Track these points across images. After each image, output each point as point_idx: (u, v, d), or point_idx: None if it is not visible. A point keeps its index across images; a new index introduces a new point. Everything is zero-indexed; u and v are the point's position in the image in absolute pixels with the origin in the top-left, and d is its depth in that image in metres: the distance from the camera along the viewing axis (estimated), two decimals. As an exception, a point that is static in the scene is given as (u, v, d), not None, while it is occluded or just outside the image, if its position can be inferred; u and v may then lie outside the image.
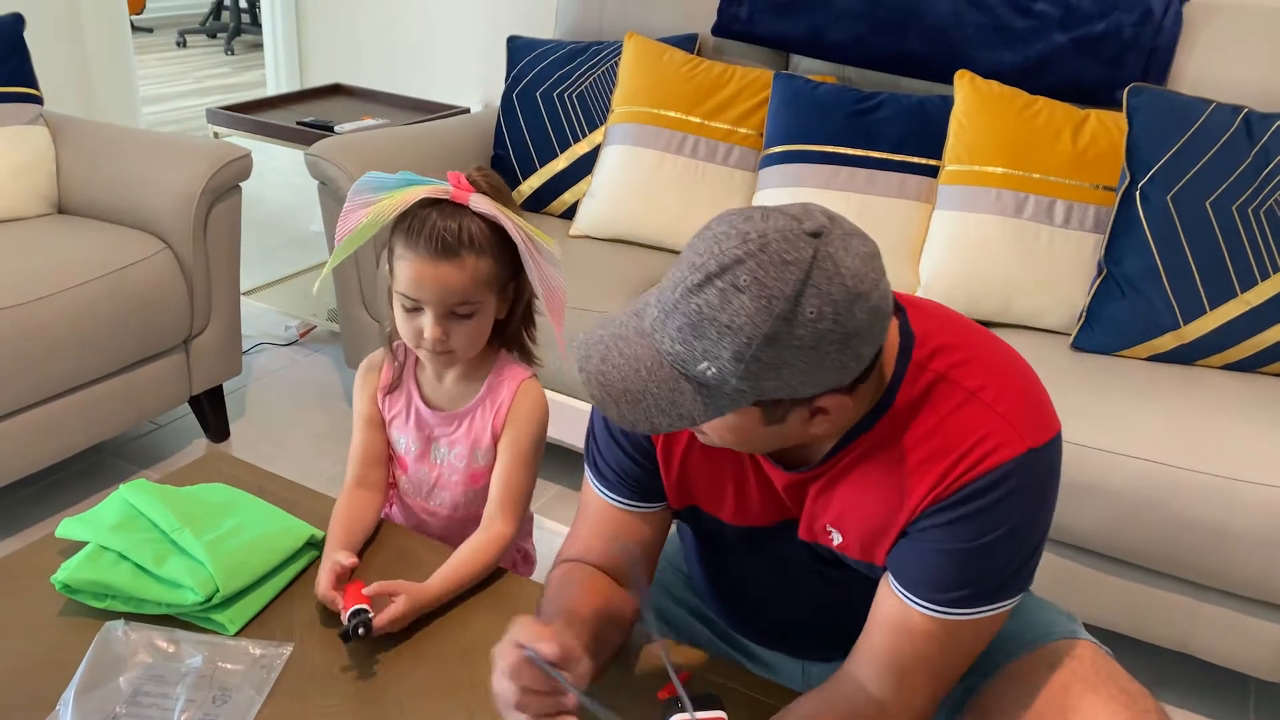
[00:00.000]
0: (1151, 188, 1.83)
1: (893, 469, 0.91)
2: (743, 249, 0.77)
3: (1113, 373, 1.81)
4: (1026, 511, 0.89)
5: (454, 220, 1.13)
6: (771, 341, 0.76)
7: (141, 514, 1.24)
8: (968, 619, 0.92)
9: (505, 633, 0.90)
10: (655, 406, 0.80)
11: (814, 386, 0.81)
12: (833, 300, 0.76)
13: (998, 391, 0.89)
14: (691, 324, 0.78)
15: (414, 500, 1.34)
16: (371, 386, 1.31)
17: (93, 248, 2.08)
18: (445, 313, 1.17)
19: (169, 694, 1.04)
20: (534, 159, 2.44)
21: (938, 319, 0.95)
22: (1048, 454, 0.90)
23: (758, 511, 1.03)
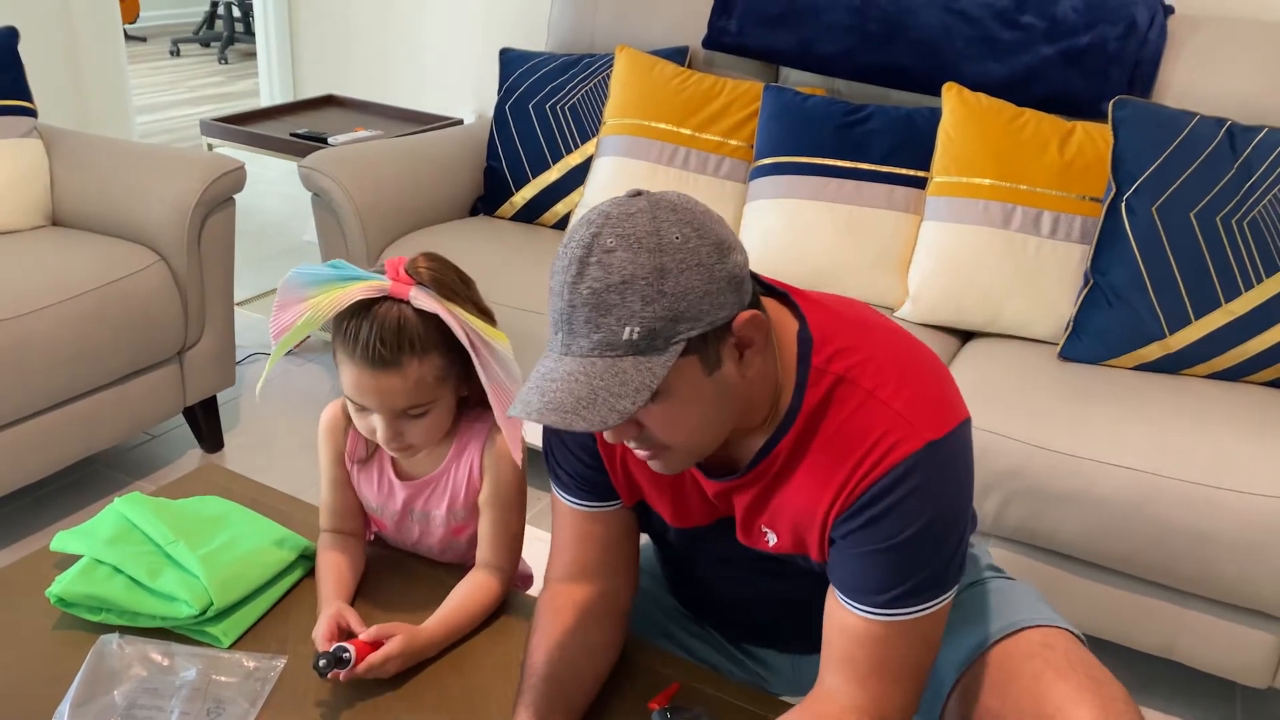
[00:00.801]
0: (1137, 199, 1.85)
1: (808, 474, 0.95)
2: (590, 229, 0.84)
3: (1100, 382, 1.82)
4: (937, 503, 0.91)
5: (392, 323, 1.06)
6: (663, 273, 0.81)
7: (136, 527, 1.25)
8: (909, 618, 0.93)
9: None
10: (610, 396, 0.82)
11: (724, 307, 0.84)
12: (686, 222, 0.83)
13: (895, 388, 0.92)
14: (592, 306, 0.82)
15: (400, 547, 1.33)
16: (336, 448, 1.24)
17: (87, 260, 2.09)
18: (395, 417, 1.11)
19: (163, 707, 1.05)
20: (527, 170, 2.46)
21: (837, 318, 0.97)
22: (950, 444, 0.91)
23: (696, 513, 1.06)
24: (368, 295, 1.07)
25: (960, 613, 1.10)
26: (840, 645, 0.97)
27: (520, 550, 1.26)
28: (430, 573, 1.27)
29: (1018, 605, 1.10)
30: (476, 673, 1.12)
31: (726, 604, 1.21)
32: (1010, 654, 1.04)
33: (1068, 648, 1.03)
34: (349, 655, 1.05)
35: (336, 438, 1.25)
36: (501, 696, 1.08)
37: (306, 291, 1.09)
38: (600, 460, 1.08)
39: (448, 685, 1.10)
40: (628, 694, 1.10)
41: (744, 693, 1.12)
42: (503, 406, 1.12)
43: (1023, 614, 1.08)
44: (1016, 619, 1.07)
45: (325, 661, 1.04)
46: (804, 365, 0.94)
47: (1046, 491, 1.65)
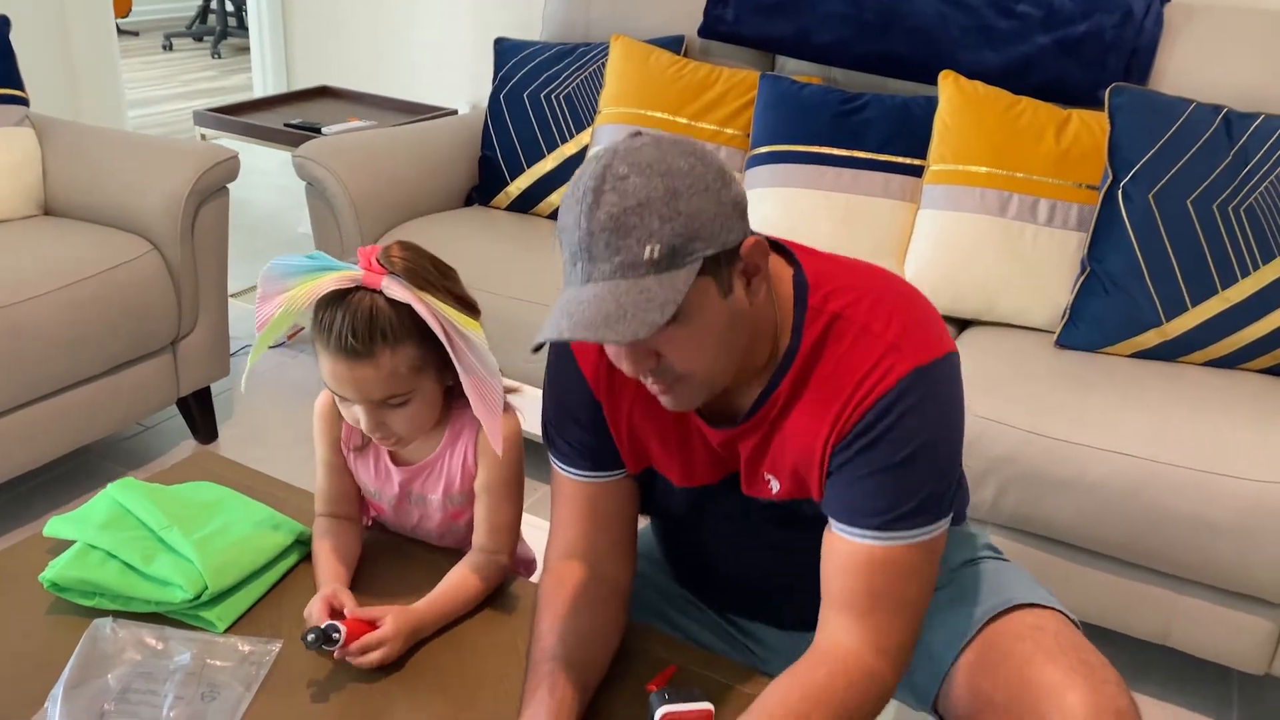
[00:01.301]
0: (1133, 186, 1.85)
1: (806, 411, 0.98)
2: (600, 162, 0.87)
3: (1096, 369, 1.82)
4: (931, 426, 0.95)
5: (364, 313, 1.05)
6: (676, 194, 0.85)
7: (129, 512, 1.24)
8: (906, 543, 0.96)
9: None
10: (639, 310, 0.84)
11: (733, 230, 0.89)
12: (690, 152, 0.88)
13: (885, 322, 0.96)
14: (611, 230, 0.85)
15: (399, 531, 1.32)
16: (332, 434, 1.23)
17: (80, 249, 2.08)
18: (375, 406, 1.10)
19: (157, 691, 1.04)
20: (521, 160, 2.45)
21: (830, 263, 1.02)
22: (940, 370, 0.96)
23: (703, 470, 1.07)
24: (340, 285, 1.07)
25: (955, 591, 1.10)
26: (840, 581, 0.98)
27: (517, 535, 1.26)
28: (428, 557, 1.26)
29: (1011, 585, 1.10)
30: (474, 657, 1.12)
31: (728, 574, 1.20)
32: (1001, 634, 1.04)
33: (1058, 630, 1.03)
34: (339, 635, 1.04)
35: (331, 424, 1.24)
36: (499, 681, 1.07)
37: (286, 283, 1.08)
38: (604, 425, 1.08)
39: (445, 670, 1.10)
40: (625, 677, 1.09)
41: (741, 673, 1.11)
42: (479, 398, 1.11)
43: (1015, 592, 1.08)
44: (1009, 597, 1.07)
45: (314, 636, 1.03)
46: (800, 307, 0.98)
47: (1042, 478, 1.65)
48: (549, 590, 1.10)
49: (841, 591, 0.99)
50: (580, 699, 1.00)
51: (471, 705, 1.05)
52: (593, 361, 1.08)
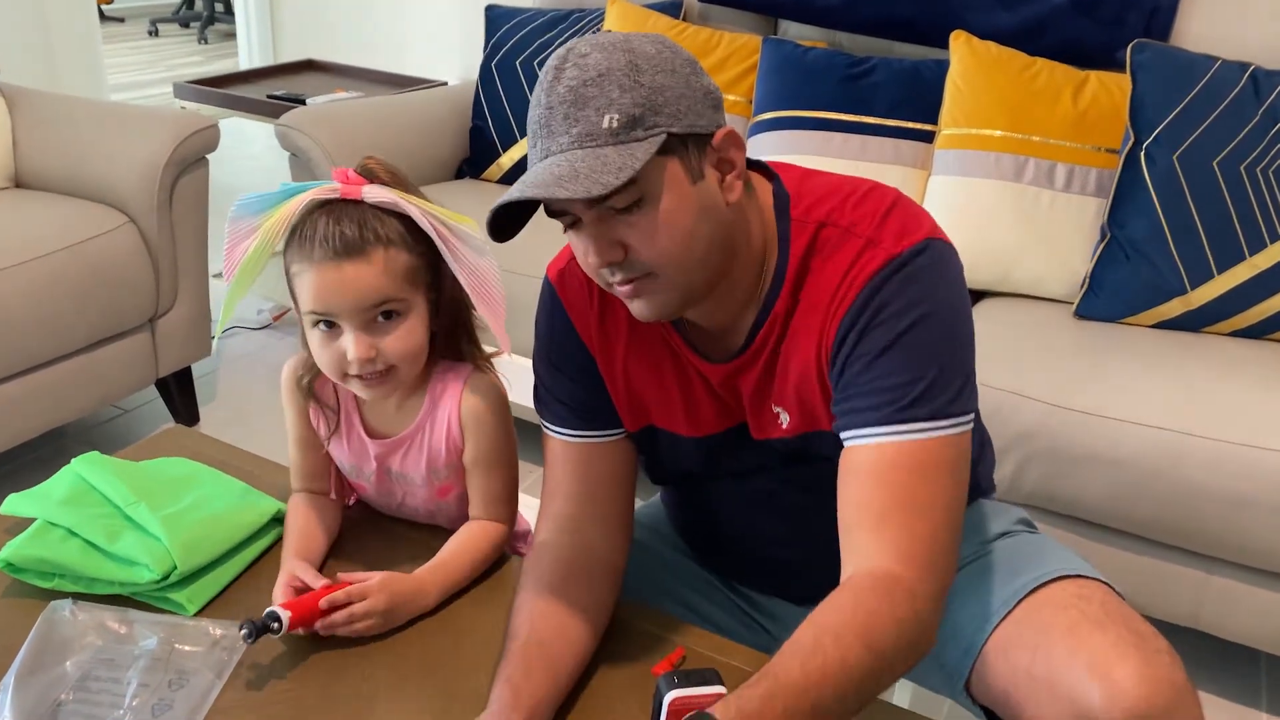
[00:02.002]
0: (1156, 148, 1.77)
1: (803, 326, 0.94)
2: (566, 45, 0.86)
3: (1118, 340, 1.74)
4: (919, 303, 0.88)
5: (352, 213, 0.97)
6: (636, 69, 0.83)
7: (94, 488, 1.15)
8: (920, 437, 0.88)
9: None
10: (592, 173, 0.82)
11: (702, 116, 0.86)
12: (658, 40, 0.86)
13: (868, 220, 0.92)
14: (570, 102, 0.83)
15: (384, 510, 1.23)
16: (302, 404, 1.14)
17: (51, 221, 1.98)
18: (365, 322, 0.99)
19: (120, 678, 0.95)
20: (514, 130, 2.36)
21: (809, 174, 0.98)
22: (923, 253, 0.89)
23: (709, 416, 1.02)
24: (319, 198, 0.99)
25: (988, 563, 1.02)
26: (855, 498, 0.89)
27: (515, 504, 1.17)
28: (414, 535, 1.17)
29: (1050, 556, 1.01)
30: (466, 640, 1.03)
31: (742, 541, 1.13)
32: (1042, 604, 0.95)
33: (1104, 598, 0.94)
34: (279, 624, 0.96)
35: (300, 393, 1.14)
36: (490, 663, 0.98)
37: (255, 220, 1.00)
38: (598, 378, 1.02)
39: (435, 655, 1.01)
40: (628, 660, 1.00)
41: (754, 657, 1.03)
42: (480, 292, 1.05)
43: (1055, 564, 0.99)
44: (1049, 569, 0.98)
45: (246, 630, 0.95)
46: (784, 221, 0.94)
47: (1066, 453, 1.57)
48: (528, 567, 1.02)
49: (856, 509, 0.89)
50: (548, 680, 0.91)
51: (462, 691, 0.96)
52: (582, 309, 1.02)
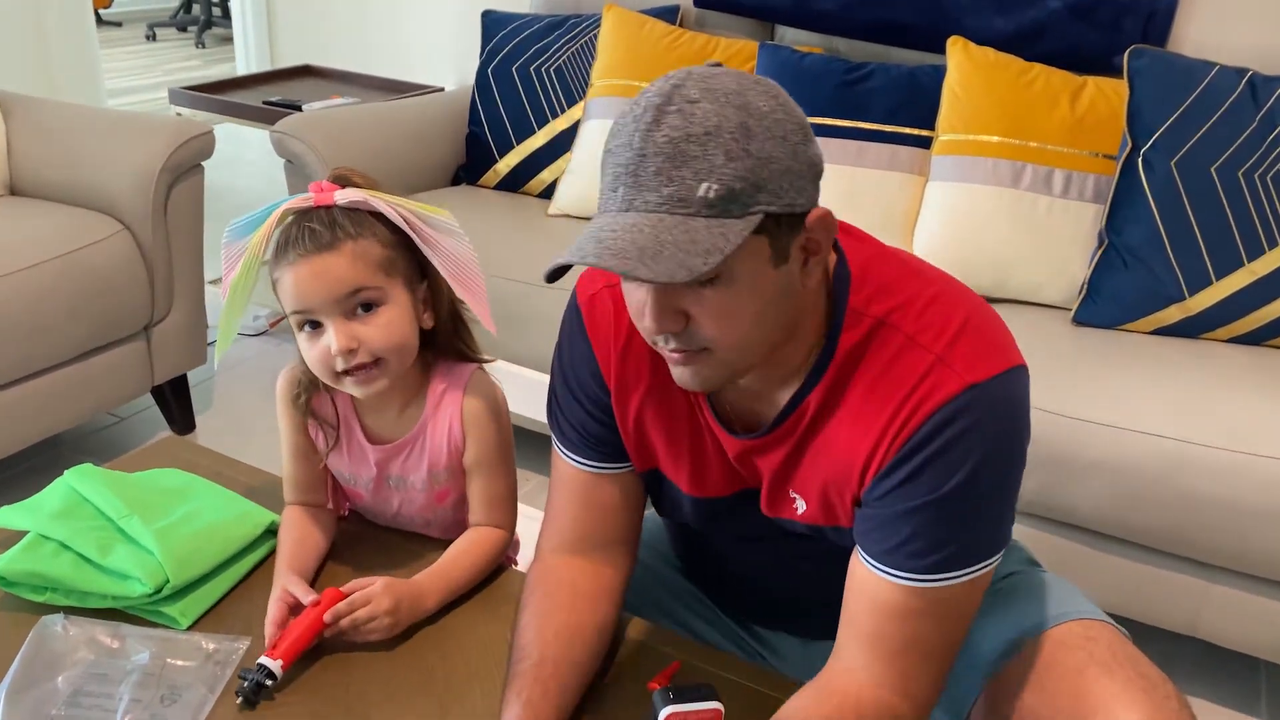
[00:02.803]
0: (1154, 154, 1.76)
1: (843, 428, 0.86)
2: (670, 81, 0.76)
3: (1116, 347, 1.74)
4: (983, 454, 0.81)
5: (321, 215, 1.01)
6: (747, 132, 0.74)
7: (86, 500, 1.14)
8: (946, 585, 0.84)
9: None
10: (679, 251, 0.73)
11: (803, 192, 0.77)
12: (771, 94, 0.77)
13: (937, 332, 0.83)
14: (668, 155, 0.74)
15: (378, 520, 1.23)
16: (298, 415, 1.14)
17: (46, 229, 1.97)
18: (344, 313, 1.01)
19: (112, 694, 0.94)
20: (510, 136, 2.35)
21: (879, 256, 0.88)
22: (997, 389, 0.81)
23: (716, 480, 0.97)
24: (295, 208, 1.02)
25: (997, 600, 1.00)
26: (868, 619, 0.87)
27: (515, 508, 1.17)
28: (411, 546, 1.16)
29: (1059, 598, 1.00)
30: (461, 653, 1.02)
31: (743, 584, 1.11)
32: (1049, 645, 0.94)
33: (1111, 640, 0.93)
34: (274, 679, 0.95)
35: (295, 403, 1.14)
36: (488, 679, 0.98)
37: (243, 243, 1.03)
38: (611, 414, 0.98)
39: (430, 667, 1.00)
40: (625, 674, 1.00)
41: (752, 672, 1.02)
42: (458, 277, 1.05)
43: (1064, 606, 0.98)
44: (1058, 611, 0.97)
45: (241, 694, 0.94)
46: (840, 306, 0.85)
47: (1065, 461, 1.56)
48: (534, 583, 1.01)
49: (866, 629, 0.87)
50: (561, 702, 0.90)
51: (458, 704, 0.95)
52: (606, 341, 0.97)
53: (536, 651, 0.93)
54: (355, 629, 0.99)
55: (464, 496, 1.17)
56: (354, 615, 0.99)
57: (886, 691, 0.86)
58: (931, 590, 0.84)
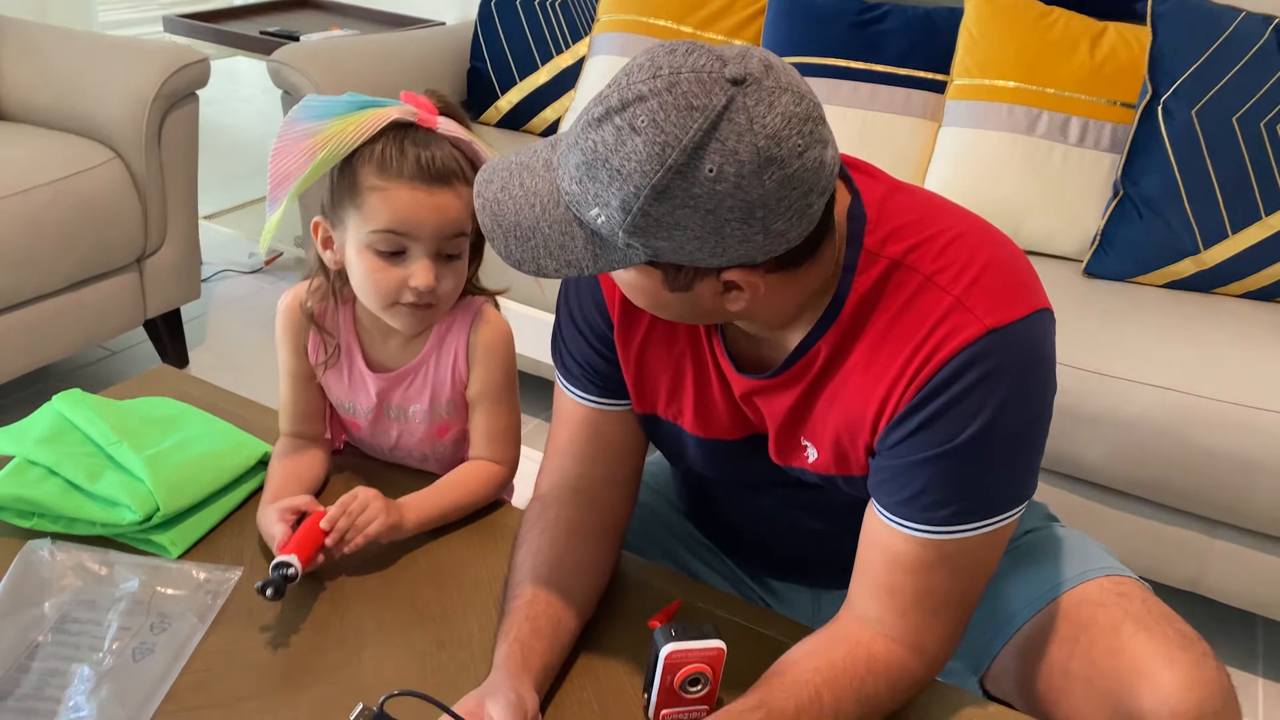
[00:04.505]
0: (1175, 102, 1.72)
1: (856, 374, 0.82)
2: (649, 84, 0.68)
3: (1127, 299, 1.71)
4: (1001, 402, 0.77)
5: (440, 143, 0.98)
6: (662, 196, 0.68)
7: (75, 426, 1.12)
8: (962, 537, 0.81)
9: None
10: (544, 248, 0.74)
11: (715, 257, 0.71)
12: (737, 160, 0.67)
13: (957, 272, 0.78)
14: (587, 163, 0.70)
15: (374, 454, 1.20)
16: (298, 339, 1.11)
17: (35, 155, 1.93)
18: (434, 252, 0.99)
19: (100, 620, 0.92)
20: (513, 72, 2.30)
21: (897, 193, 0.83)
22: (1019, 333, 0.77)
23: (722, 421, 0.93)
24: (403, 118, 0.97)
25: (1021, 555, 0.98)
26: (881, 571, 0.84)
27: (518, 445, 1.14)
28: (408, 482, 1.13)
29: (1084, 554, 0.98)
30: (456, 589, 1.00)
31: (751, 533, 1.08)
32: (1080, 601, 0.92)
33: (1145, 597, 0.91)
34: (294, 569, 0.92)
35: (297, 327, 1.10)
36: (483, 613, 0.96)
37: (315, 126, 0.96)
38: (614, 350, 0.95)
39: (425, 602, 0.98)
40: (624, 613, 0.98)
41: (754, 613, 1.00)
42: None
43: (1091, 563, 0.96)
44: (1084, 568, 0.95)
45: (271, 587, 0.91)
46: (854, 247, 0.80)
47: (1071, 412, 1.54)
48: (531, 519, 0.98)
49: (880, 580, 0.85)
50: (553, 640, 0.88)
51: (454, 638, 0.94)
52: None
53: (529, 589, 0.91)
54: (353, 529, 0.97)
55: (465, 433, 1.14)
56: (348, 510, 0.97)
57: (898, 645, 0.84)
58: (946, 543, 0.81)
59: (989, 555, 0.84)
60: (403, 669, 0.90)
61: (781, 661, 0.84)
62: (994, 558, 0.85)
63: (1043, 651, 0.92)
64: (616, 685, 0.90)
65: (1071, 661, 0.89)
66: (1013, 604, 0.96)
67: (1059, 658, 0.90)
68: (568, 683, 0.90)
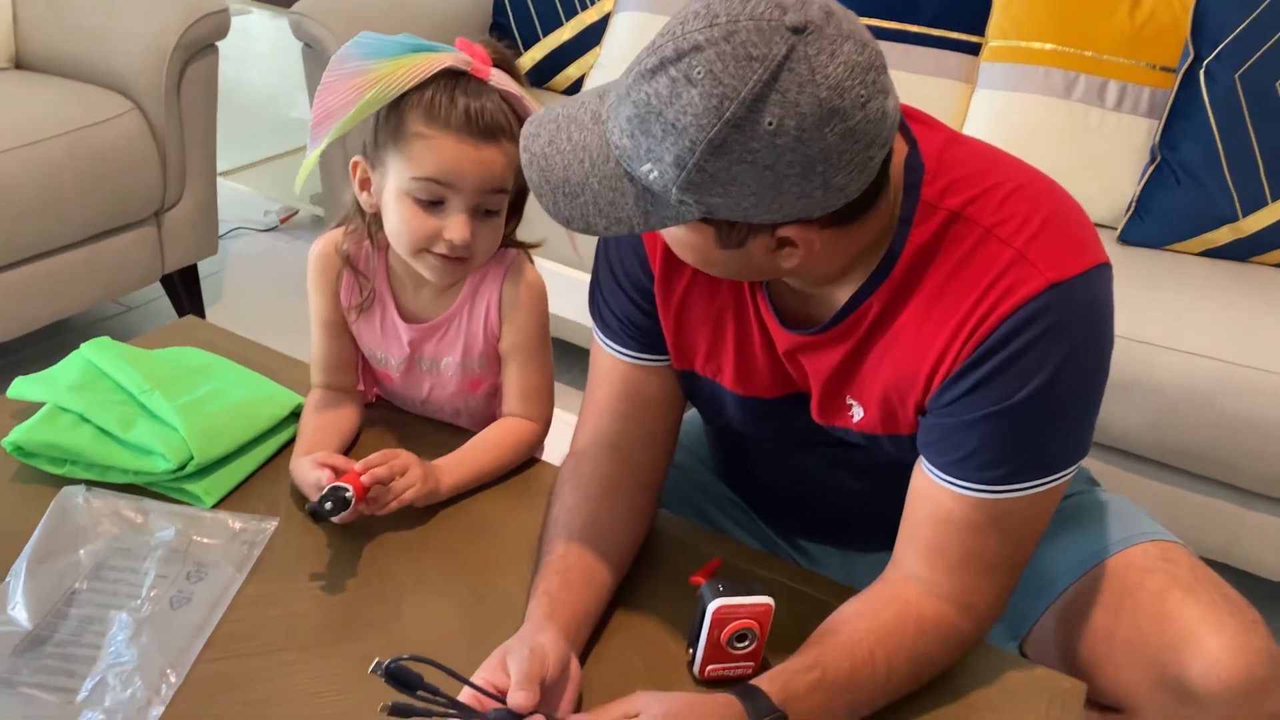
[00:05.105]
0: (1218, 65, 1.69)
1: (910, 329, 0.80)
2: (705, 34, 0.65)
3: (1162, 266, 1.68)
4: (1063, 358, 0.75)
5: (492, 96, 0.96)
6: (718, 150, 0.66)
7: (105, 374, 1.10)
8: (1017, 497, 0.80)
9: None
10: (593, 204, 0.72)
11: (772, 213, 0.70)
12: (798, 113, 0.65)
13: (1018, 225, 0.76)
14: (639, 115, 0.68)
15: (406, 406, 1.18)
16: (330, 286, 1.09)
17: (54, 104, 1.90)
18: (475, 206, 0.98)
19: (137, 569, 0.91)
20: (537, 28, 2.26)
21: (955, 144, 0.81)
22: (1081, 288, 0.76)
23: (763, 379, 0.92)
24: (456, 66, 0.95)
25: (1061, 521, 0.96)
26: (930, 530, 0.83)
27: (551, 401, 1.12)
28: (440, 436, 1.12)
29: (1127, 519, 0.96)
30: (492, 543, 0.99)
31: (787, 493, 1.07)
32: (1125, 566, 0.90)
33: (1192, 563, 0.90)
34: (349, 494, 0.91)
35: (328, 274, 1.08)
36: (522, 568, 0.95)
37: (365, 65, 0.93)
38: (654, 302, 0.93)
39: (461, 556, 0.97)
40: (661, 570, 0.96)
41: (795, 572, 0.99)
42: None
43: (1135, 527, 0.94)
44: (1128, 533, 0.94)
45: (327, 504, 0.89)
46: (911, 198, 0.78)
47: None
48: (566, 475, 0.97)
49: (928, 540, 0.83)
50: (585, 593, 0.87)
51: (491, 593, 0.93)
52: None
53: (561, 544, 0.90)
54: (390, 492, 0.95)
55: (498, 388, 1.13)
56: (390, 465, 0.95)
57: (948, 604, 0.83)
58: (999, 503, 0.80)
59: (1040, 515, 0.83)
60: (444, 622, 0.89)
61: (832, 621, 0.83)
62: (1045, 518, 0.84)
63: (1086, 616, 0.91)
64: (658, 641, 0.89)
65: (1116, 627, 0.88)
66: (1055, 568, 0.94)
67: (1103, 623, 0.89)
68: (608, 637, 0.89)
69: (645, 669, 0.86)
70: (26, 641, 0.83)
